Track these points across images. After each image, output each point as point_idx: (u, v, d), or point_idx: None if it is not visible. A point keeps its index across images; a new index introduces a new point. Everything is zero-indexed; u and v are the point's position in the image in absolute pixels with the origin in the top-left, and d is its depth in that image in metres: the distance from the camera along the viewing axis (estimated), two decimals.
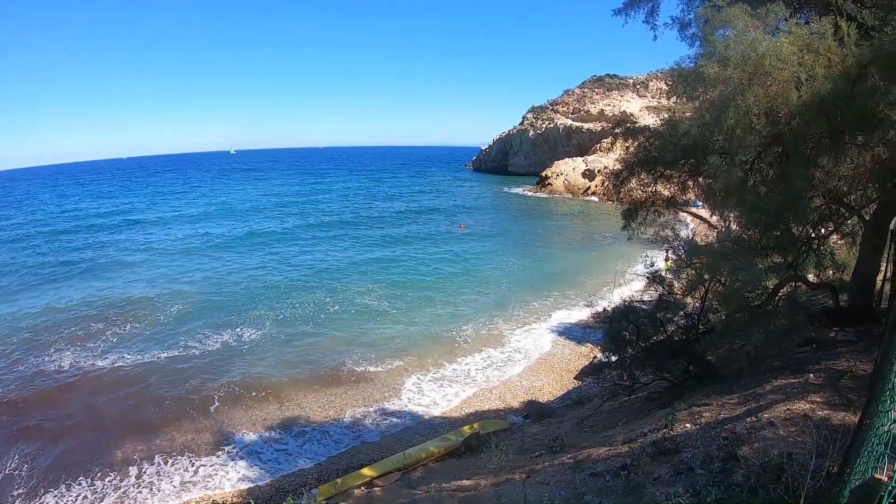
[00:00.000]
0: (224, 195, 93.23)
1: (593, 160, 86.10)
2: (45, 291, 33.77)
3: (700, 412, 8.50)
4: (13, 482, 14.81)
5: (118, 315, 28.15)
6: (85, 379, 20.96)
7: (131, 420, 18.01)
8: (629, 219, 13.73)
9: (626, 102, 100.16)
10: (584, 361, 21.21)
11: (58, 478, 14.96)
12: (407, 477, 13.31)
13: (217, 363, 22.05)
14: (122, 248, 47.52)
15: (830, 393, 7.34)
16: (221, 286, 34.25)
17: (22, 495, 14.28)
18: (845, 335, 10.77)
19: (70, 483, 14.74)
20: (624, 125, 14.64)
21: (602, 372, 15.05)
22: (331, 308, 28.88)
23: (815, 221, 10.58)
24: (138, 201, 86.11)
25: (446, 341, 24.26)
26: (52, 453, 16.17)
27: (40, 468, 15.38)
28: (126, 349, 23.55)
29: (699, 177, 12.22)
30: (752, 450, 6.04)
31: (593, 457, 8.72)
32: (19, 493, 14.37)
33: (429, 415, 18.21)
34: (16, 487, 14.61)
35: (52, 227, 61.47)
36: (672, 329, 13.45)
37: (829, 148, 8.50)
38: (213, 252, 44.89)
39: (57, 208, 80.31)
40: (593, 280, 33.30)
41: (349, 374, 20.99)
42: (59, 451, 16.27)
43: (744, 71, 8.49)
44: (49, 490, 14.46)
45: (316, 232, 54.19)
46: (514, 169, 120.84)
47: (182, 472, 15.24)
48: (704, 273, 11.48)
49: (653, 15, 13.61)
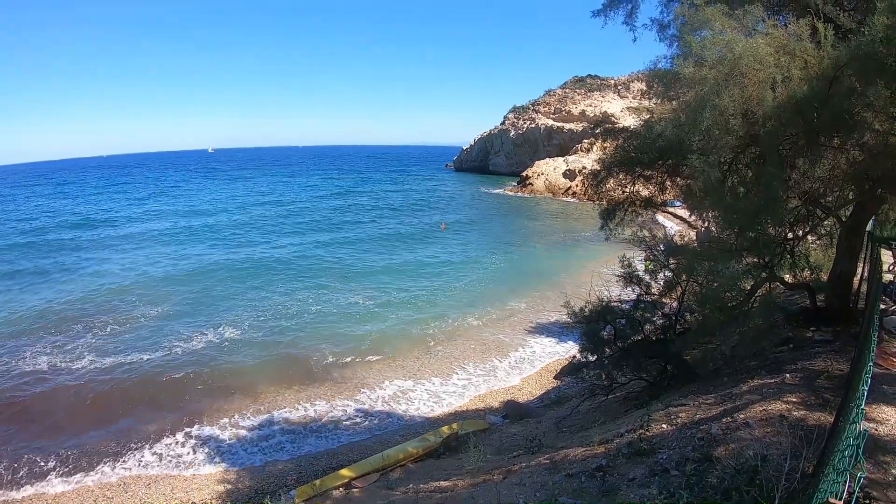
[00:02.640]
0: (209, 195, 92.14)
1: (574, 160, 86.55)
2: (21, 293, 32.94)
3: (677, 412, 8.51)
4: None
5: (96, 316, 27.59)
6: (60, 379, 20.50)
7: (106, 420, 17.70)
8: (607, 219, 13.76)
9: (608, 103, 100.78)
10: (564, 361, 21.25)
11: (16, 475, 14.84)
12: (385, 478, 13.21)
13: (195, 363, 21.73)
14: (103, 247, 46.60)
15: (806, 393, 7.38)
16: (200, 285, 33.76)
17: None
18: (822, 335, 10.87)
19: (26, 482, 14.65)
20: (603, 126, 14.67)
21: (581, 372, 15.05)
22: (311, 308, 28.65)
23: (792, 222, 10.65)
24: (119, 201, 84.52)
25: (425, 341, 24.16)
26: (19, 451, 15.94)
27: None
28: (104, 349, 23.09)
29: (678, 177, 12.26)
30: (727, 451, 6.03)
31: (570, 457, 8.69)
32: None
33: (407, 415, 18.10)
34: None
35: (32, 224, 60.33)
36: (649, 329, 13.50)
37: (806, 149, 8.53)
38: (191, 251, 44.35)
39: (36, 208, 78.84)
40: (572, 280, 33.35)
41: (328, 374, 20.83)
42: (22, 450, 16.02)
43: (720, 71, 8.49)
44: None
45: (297, 232, 53.71)
46: (495, 169, 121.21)
47: (158, 473, 15.01)
48: (681, 273, 11.52)
49: (632, 16, 13.59)
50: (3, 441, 16.36)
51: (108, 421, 17.57)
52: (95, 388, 19.78)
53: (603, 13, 13.83)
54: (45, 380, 20.35)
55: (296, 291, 32.19)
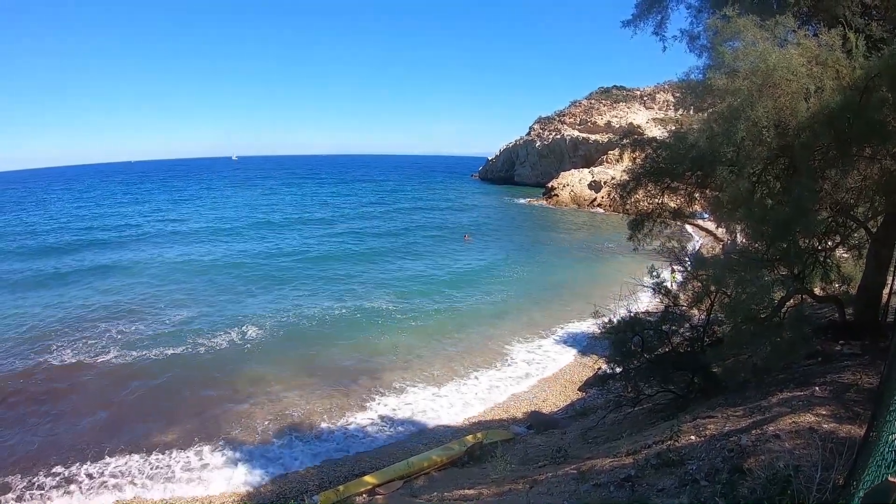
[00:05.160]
0: (242, 200, 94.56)
1: (599, 171, 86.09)
2: (51, 289, 34.47)
3: (705, 424, 8.43)
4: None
5: (123, 313, 28.65)
6: (85, 374, 21.24)
7: (129, 417, 18.13)
8: (635, 230, 13.69)
9: (633, 114, 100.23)
10: (589, 372, 21.11)
11: (38, 466, 15.37)
12: (409, 485, 13.27)
13: (220, 364, 22.20)
14: (132, 248, 48.32)
15: (836, 406, 7.28)
16: (228, 287, 34.74)
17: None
18: (851, 348, 10.69)
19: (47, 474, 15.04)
20: (631, 136, 14.65)
21: (606, 383, 14.98)
22: (336, 314, 28.94)
23: (822, 234, 10.53)
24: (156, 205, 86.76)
25: (448, 350, 24.22)
26: (44, 442, 16.55)
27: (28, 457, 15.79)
28: (129, 347, 23.83)
29: (706, 189, 12.19)
30: (757, 462, 5.98)
31: (597, 468, 8.66)
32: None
33: (432, 423, 18.14)
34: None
35: (64, 226, 62.46)
36: (677, 341, 13.39)
37: (837, 160, 8.48)
38: (221, 253, 45.58)
39: (74, 208, 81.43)
40: (598, 291, 33.14)
41: (353, 380, 20.97)
42: (47, 442, 16.60)
43: (753, 82, 8.49)
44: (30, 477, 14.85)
45: (322, 239, 54.41)
46: (520, 179, 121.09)
47: (180, 473, 15.24)
48: (710, 285, 11.43)
49: (661, 27, 13.65)
50: (23, 440, 16.87)
51: (130, 420, 17.93)
52: (119, 383, 20.46)
53: (633, 23, 13.91)
54: (69, 374, 21.14)
55: (319, 296, 32.70)
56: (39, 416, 18.26)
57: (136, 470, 15.31)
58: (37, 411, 18.55)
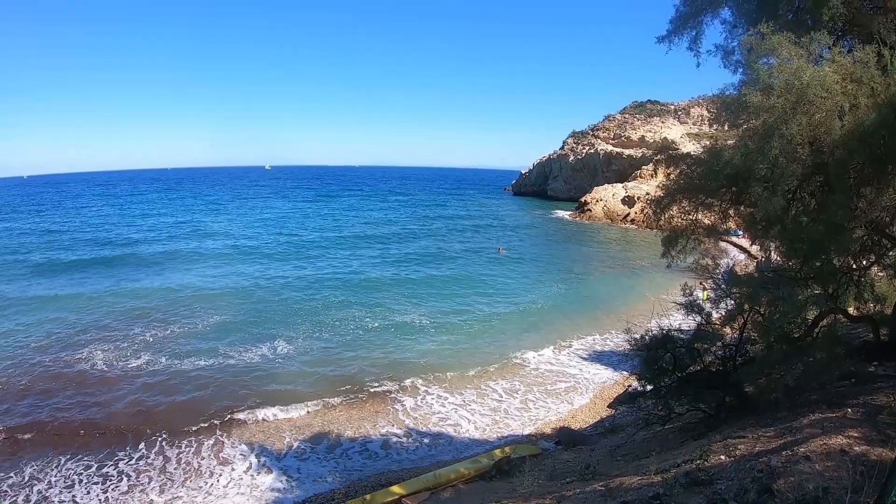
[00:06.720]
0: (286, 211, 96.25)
1: (633, 187, 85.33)
2: (84, 290, 35.95)
3: (735, 444, 8.34)
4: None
5: (156, 319, 29.36)
6: (114, 378, 21.81)
7: (157, 423, 18.44)
8: (669, 246, 13.59)
9: (667, 129, 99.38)
10: (619, 389, 20.93)
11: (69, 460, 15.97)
12: (436, 497, 13.29)
13: (250, 373, 22.50)
14: (168, 255, 49.61)
15: (868, 428, 7.15)
16: (260, 297, 35.32)
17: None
18: (885, 370, 10.48)
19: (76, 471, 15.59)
20: (666, 152, 14.59)
21: (636, 400, 14.84)
22: (367, 325, 29.22)
23: (857, 252, 10.36)
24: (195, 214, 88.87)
25: (479, 363, 24.21)
26: (70, 444, 17.00)
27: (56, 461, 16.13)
28: (160, 353, 24.36)
29: (740, 205, 12.08)
30: (787, 483, 5.92)
31: (625, 485, 8.60)
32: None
33: (458, 437, 18.18)
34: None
35: (99, 230, 64.80)
36: (709, 359, 13.22)
37: (872, 178, 8.36)
38: (253, 263, 46.44)
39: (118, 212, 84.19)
40: (630, 307, 32.91)
41: (382, 391, 21.16)
42: (75, 444, 17.03)
43: (787, 100, 8.45)
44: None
45: (354, 249, 55.16)
46: (553, 193, 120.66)
47: (207, 481, 15.48)
48: (744, 303, 11.30)
49: (696, 42, 13.61)
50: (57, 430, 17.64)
51: (156, 426, 18.19)
52: (147, 389, 20.89)
53: (668, 39, 13.90)
54: (98, 380, 21.66)
55: (351, 307, 32.91)
56: (72, 407, 19.11)
57: (158, 471, 15.73)
58: (71, 404, 19.40)
